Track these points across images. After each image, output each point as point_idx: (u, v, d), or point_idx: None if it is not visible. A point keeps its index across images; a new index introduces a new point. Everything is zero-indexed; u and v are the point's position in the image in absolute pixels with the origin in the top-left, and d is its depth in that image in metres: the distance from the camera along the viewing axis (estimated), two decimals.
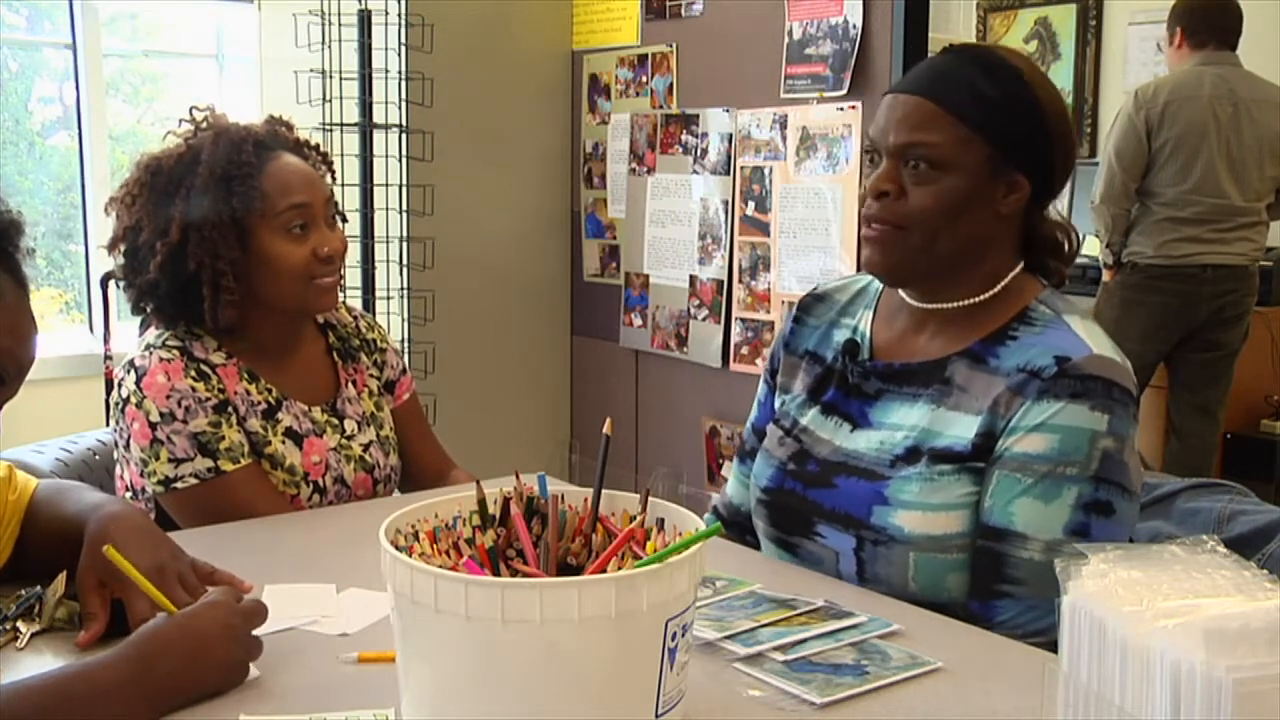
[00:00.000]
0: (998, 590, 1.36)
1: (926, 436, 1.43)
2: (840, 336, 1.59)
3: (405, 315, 3.47)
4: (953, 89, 1.42)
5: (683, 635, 0.98)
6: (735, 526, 1.70)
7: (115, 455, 1.80)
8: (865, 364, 1.53)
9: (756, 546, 1.64)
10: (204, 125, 1.82)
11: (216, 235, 1.73)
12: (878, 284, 1.61)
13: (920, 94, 1.43)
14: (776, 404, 1.65)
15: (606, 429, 1.11)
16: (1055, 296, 1.48)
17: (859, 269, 1.58)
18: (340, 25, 3.30)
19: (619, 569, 0.99)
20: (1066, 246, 1.51)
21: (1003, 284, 1.47)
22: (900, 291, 1.55)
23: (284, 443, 1.78)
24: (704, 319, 3.49)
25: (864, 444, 1.48)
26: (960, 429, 1.41)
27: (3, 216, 1.24)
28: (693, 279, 3.52)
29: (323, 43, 3.28)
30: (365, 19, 3.32)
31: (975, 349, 1.45)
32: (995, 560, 1.37)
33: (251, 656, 1.16)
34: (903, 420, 1.47)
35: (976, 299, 1.47)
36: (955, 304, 1.48)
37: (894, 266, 1.47)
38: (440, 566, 0.98)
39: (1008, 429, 1.38)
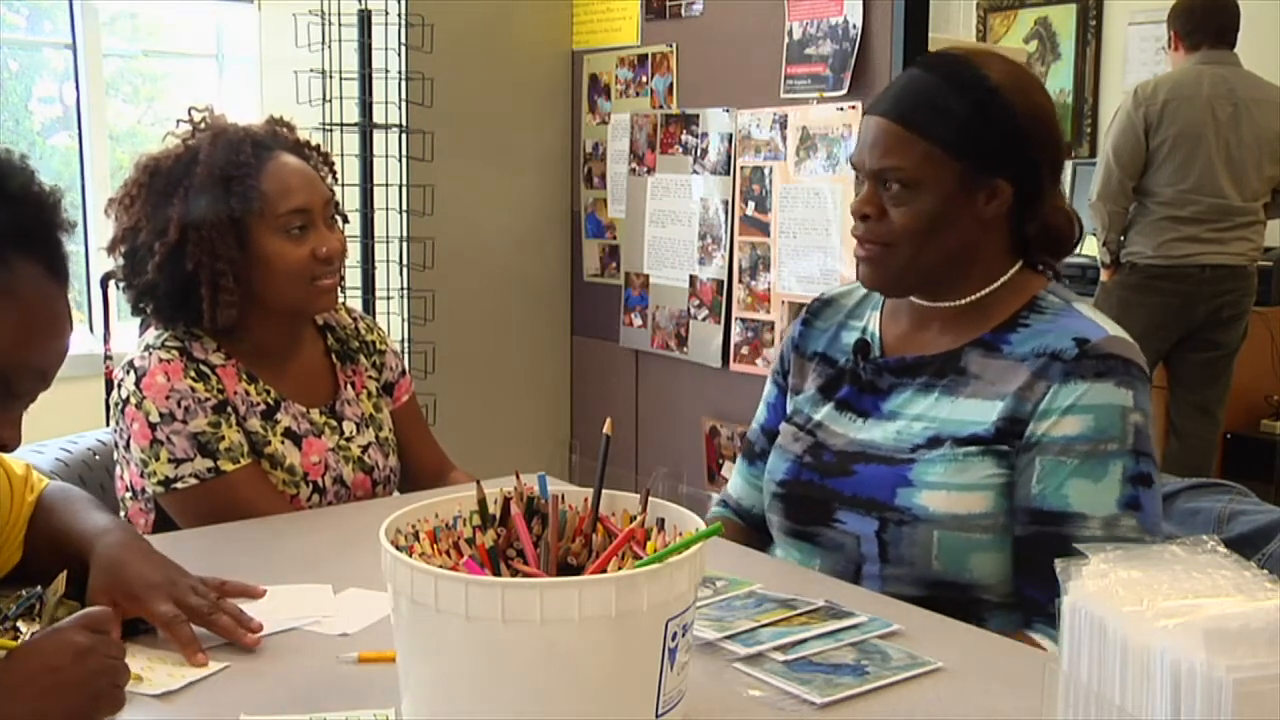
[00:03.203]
0: None
1: (947, 425, 1.45)
2: (849, 338, 1.62)
3: (405, 315, 3.47)
4: (918, 109, 1.46)
5: (683, 635, 0.98)
6: (745, 519, 1.72)
7: (115, 456, 1.80)
8: (878, 361, 1.56)
9: (763, 544, 1.65)
10: (202, 126, 1.82)
11: (214, 235, 1.72)
12: None
13: (888, 116, 1.47)
14: (788, 405, 1.67)
15: (606, 429, 1.11)
16: (1062, 289, 1.53)
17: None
18: (340, 25, 3.29)
19: (619, 569, 0.99)
20: (1066, 235, 1.52)
21: (1001, 281, 1.50)
22: None
23: (283, 443, 1.78)
24: (704, 319, 3.48)
25: (880, 434, 1.51)
26: (980, 414, 1.44)
27: (34, 192, 1.14)
28: (693, 279, 3.52)
29: (323, 43, 3.28)
30: (365, 19, 3.32)
31: (987, 338, 1.48)
32: (1058, 544, 1.36)
33: (119, 681, 1.04)
34: (920, 410, 1.49)
35: (975, 295, 1.51)
36: (955, 302, 1.52)
37: (886, 281, 1.53)
38: (440, 566, 0.98)
39: (1037, 413, 1.40)
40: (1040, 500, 1.39)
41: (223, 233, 1.73)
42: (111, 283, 3.24)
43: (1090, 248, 3.95)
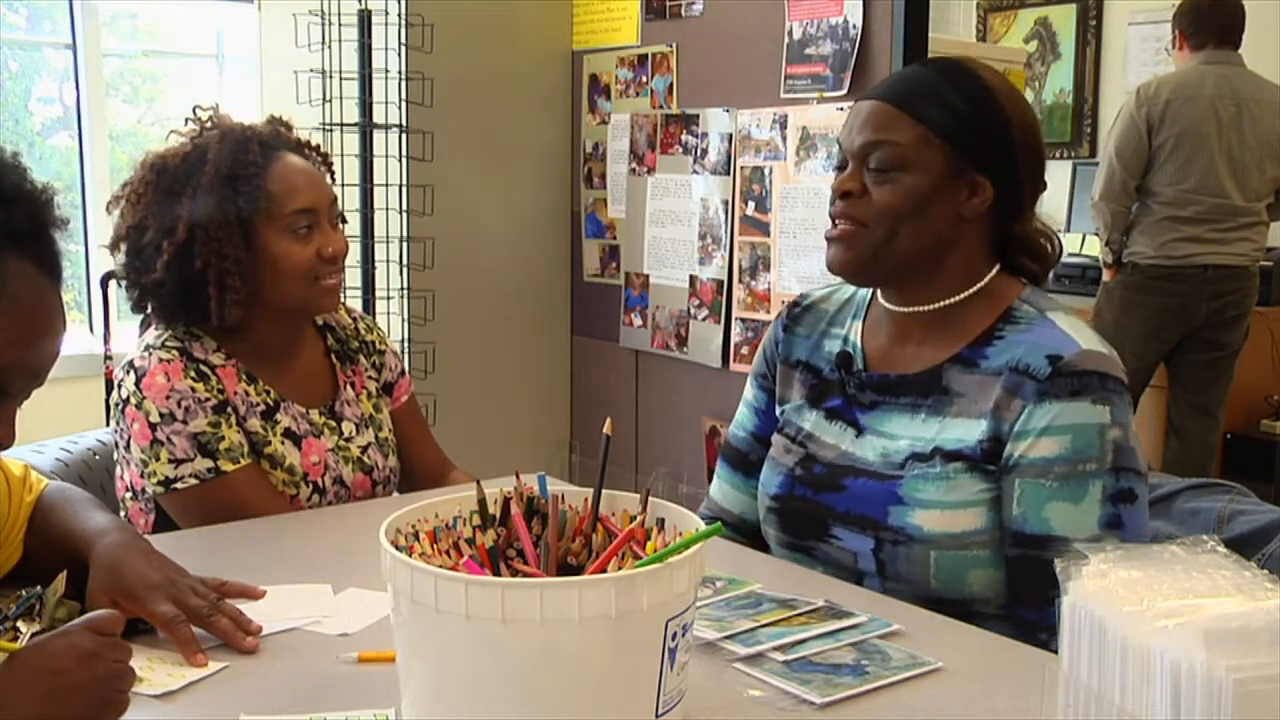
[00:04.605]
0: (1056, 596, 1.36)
1: (935, 443, 1.44)
2: (831, 347, 1.60)
3: (405, 315, 3.47)
4: (914, 92, 1.46)
5: (683, 635, 0.98)
6: (740, 532, 1.68)
7: (115, 456, 1.80)
8: (861, 375, 1.54)
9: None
10: (209, 124, 1.82)
11: (222, 235, 1.72)
12: (864, 293, 1.62)
13: (884, 99, 1.48)
14: (776, 412, 1.65)
15: (606, 429, 1.11)
16: (1037, 295, 1.50)
17: None
18: (340, 25, 3.29)
19: (619, 569, 0.99)
20: (1047, 251, 1.53)
21: (978, 286, 1.49)
22: (880, 299, 1.56)
23: (283, 443, 1.78)
24: (704, 319, 3.48)
25: (870, 451, 1.50)
26: (964, 432, 1.43)
27: (26, 191, 1.14)
28: (693, 279, 3.52)
29: (323, 43, 3.28)
30: (365, 19, 3.32)
31: (964, 353, 1.47)
32: (1045, 568, 1.36)
33: (124, 685, 1.03)
34: (904, 431, 1.48)
35: (951, 300, 1.49)
36: (930, 306, 1.50)
37: (855, 263, 1.50)
38: (440, 566, 0.98)
39: (1014, 434, 1.39)
40: (1022, 524, 1.38)
41: (230, 232, 1.73)
42: (112, 282, 3.24)
43: (1092, 247, 3.95)
